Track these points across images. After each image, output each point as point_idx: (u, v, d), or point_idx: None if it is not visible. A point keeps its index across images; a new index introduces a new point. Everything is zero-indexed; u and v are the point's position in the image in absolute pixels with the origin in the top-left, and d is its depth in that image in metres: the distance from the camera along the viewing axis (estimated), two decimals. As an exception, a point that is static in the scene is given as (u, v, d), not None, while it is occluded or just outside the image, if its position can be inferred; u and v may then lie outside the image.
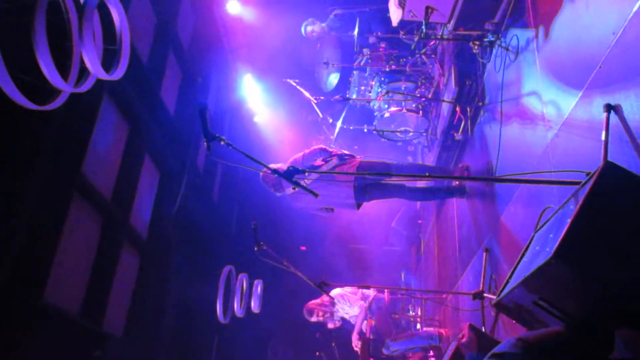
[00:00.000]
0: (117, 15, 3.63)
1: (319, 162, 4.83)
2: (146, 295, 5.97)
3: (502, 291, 2.03)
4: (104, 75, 3.45)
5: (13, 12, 2.83)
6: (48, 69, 2.99)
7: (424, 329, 6.48)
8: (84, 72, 3.38)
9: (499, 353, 1.56)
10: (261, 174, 5.05)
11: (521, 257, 2.15)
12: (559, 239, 1.62)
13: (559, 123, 3.06)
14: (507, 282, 2.07)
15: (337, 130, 7.03)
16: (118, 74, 3.64)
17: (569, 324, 1.69)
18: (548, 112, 3.28)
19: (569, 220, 1.68)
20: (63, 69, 3.19)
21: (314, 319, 6.41)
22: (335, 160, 4.83)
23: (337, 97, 6.57)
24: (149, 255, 6.11)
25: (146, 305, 5.95)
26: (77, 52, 3.27)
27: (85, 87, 3.44)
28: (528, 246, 2.22)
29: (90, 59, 3.28)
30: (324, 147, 5.00)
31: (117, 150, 5.53)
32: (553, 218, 2.10)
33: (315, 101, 6.72)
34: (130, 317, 5.73)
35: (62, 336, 4.31)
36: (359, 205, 4.91)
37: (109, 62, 3.64)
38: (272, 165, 5.37)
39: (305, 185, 4.82)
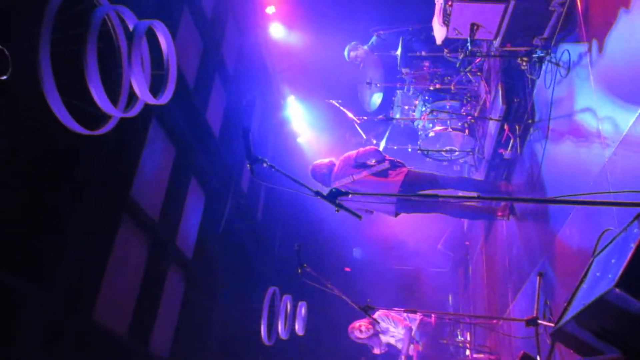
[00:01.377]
0: (164, 41, 3.72)
1: (371, 162, 5.04)
2: (192, 316, 6.01)
3: (560, 319, 1.91)
4: (151, 100, 3.53)
5: (66, 42, 2.94)
6: (99, 95, 3.08)
7: (474, 355, 6.23)
8: (132, 97, 3.47)
9: None
10: (310, 167, 5.44)
11: (580, 283, 2.02)
12: (623, 266, 1.51)
13: (617, 140, 2.91)
14: (566, 309, 1.95)
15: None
16: (165, 98, 3.72)
17: (630, 355, 1.56)
18: (604, 129, 3.13)
19: (633, 245, 1.57)
20: (113, 95, 3.28)
21: (357, 334, 6.29)
22: (386, 164, 4.99)
23: (380, 116, 6.53)
24: (194, 275, 6.17)
25: (192, 326, 5.99)
26: (126, 78, 3.37)
27: (133, 112, 3.53)
28: (587, 271, 2.09)
29: (139, 84, 3.37)
30: (378, 148, 5.12)
31: (164, 172, 5.64)
32: (614, 242, 1.97)
33: (358, 121, 6.70)
34: (176, 338, 5.77)
35: (110, 356, 4.37)
36: (397, 214, 4.91)
37: (156, 86, 3.73)
38: (321, 161, 5.47)
39: (353, 180, 4.93)
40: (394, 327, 6.16)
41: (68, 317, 3.64)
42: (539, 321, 3.51)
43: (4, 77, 2.81)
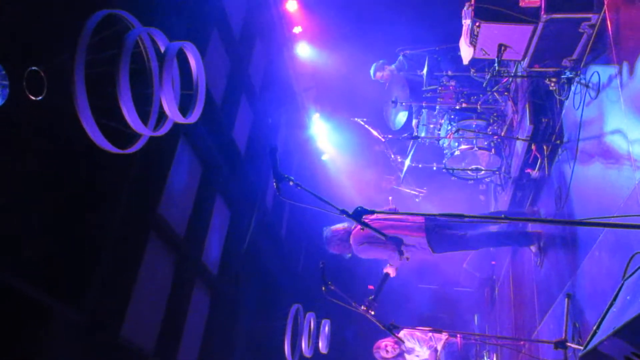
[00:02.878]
0: (194, 62, 3.82)
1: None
2: (216, 332, 6.04)
3: (589, 342, 1.87)
4: (181, 119, 3.62)
5: (99, 63, 3.05)
6: (130, 114, 3.17)
7: (501, 378, 6.11)
8: (162, 116, 3.56)
9: None
10: (325, 231, 5.53)
11: (610, 307, 1.98)
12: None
13: (647, 162, 2.86)
14: (595, 332, 1.91)
15: (405, 168, 6.95)
16: (194, 117, 3.80)
17: None
18: (635, 152, 3.08)
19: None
20: (143, 114, 3.37)
21: (382, 354, 6.22)
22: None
23: (405, 135, 6.53)
24: (219, 292, 6.21)
25: (216, 343, 6.01)
26: (156, 98, 3.46)
27: (163, 130, 3.61)
28: (617, 295, 2.05)
29: (169, 104, 3.45)
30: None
31: (191, 190, 5.73)
32: (645, 266, 1.93)
33: (383, 140, 6.71)
34: (201, 355, 5.80)
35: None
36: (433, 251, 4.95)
37: (185, 106, 3.82)
38: (337, 226, 5.46)
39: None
40: (419, 347, 6.08)
41: (96, 334, 3.70)
42: (568, 344, 3.43)
43: (40, 98, 2.92)
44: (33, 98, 2.87)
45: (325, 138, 9.47)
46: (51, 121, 3.18)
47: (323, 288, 4.01)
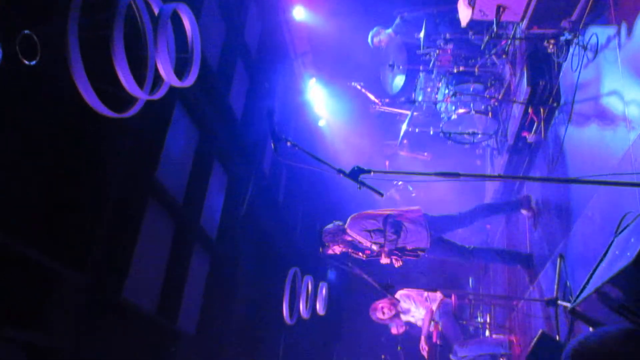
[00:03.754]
0: (188, 24, 3.78)
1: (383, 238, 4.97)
2: (216, 294, 6.15)
3: (578, 297, 1.93)
4: (176, 83, 3.60)
5: (93, 27, 3.01)
6: (126, 78, 3.16)
7: (493, 336, 6.26)
8: (158, 79, 3.54)
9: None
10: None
11: (599, 263, 2.04)
12: (641, 244, 1.53)
13: (642, 123, 2.89)
14: (584, 287, 1.98)
15: (402, 133, 6.96)
16: (190, 80, 3.78)
17: None
18: (630, 112, 3.10)
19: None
20: (139, 78, 3.36)
21: (379, 315, 6.35)
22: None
23: (402, 99, 6.51)
24: (218, 256, 6.30)
25: (216, 305, 6.13)
26: (151, 61, 3.43)
27: (159, 94, 3.60)
28: (607, 251, 2.11)
29: (164, 67, 3.43)
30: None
31: (188, 155, 5.74)
32: (635, 222, 1.98)
33: (380, 104, 6.69)
34: (202, 315, 5.92)
35: (139, 332, 4.53)
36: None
37: (181, 69, 3.80)
38: (328, 225, 5.34)
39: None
40: (415, 308, 6.20)
41: (99, 295, 3.77)
42: (559, 302, 3.52)
43: (33, 62, 2.90)
44: (27, 62, 2.85)
45: (322, 103, 9.42)
46: (46, 86, 3.17)
47: (320, 250, 4.08)
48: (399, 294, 6.21)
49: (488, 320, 6.68)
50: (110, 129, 3.76)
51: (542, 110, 4.96)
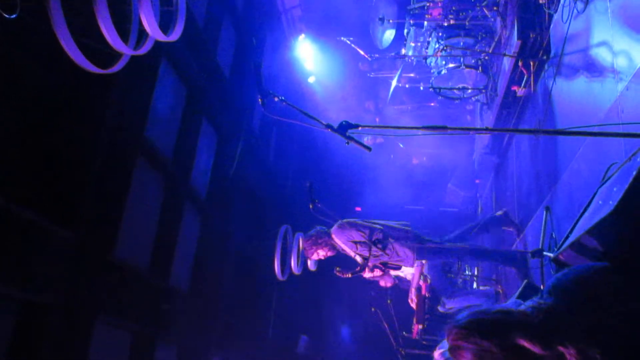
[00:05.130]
0: (172, -24, 3.67)
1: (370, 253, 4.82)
2: (208, 252, 6.22)
3: (561, 245, 1.98)
4: (161, 37, 3.52)
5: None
6: (109, 32, 3.09)
7: (481, 287, 6.41)
8: (142, 34, 3.46)
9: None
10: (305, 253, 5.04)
11: (583, 212, 2.08)
12: (623, 191, 1.55)
13: (631, 74, 2.88)
14: (567, 237, 2.02)
15: (392, 89, 6.91)
16: (175, 35, 3.70)
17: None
18: (619, 64, 3.09)
19: (634, 172, 1.61)
20: (123, 33, 3.28)
21: (368, 275, 6.45)
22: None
23: (392, 54, 6.43)
24: (209, 214, 6.34)
25: (208, 262, 6.21)
26: (135, 15, 3.35)
27: (144, 49, 3.52)
28: (591, 201, 2.14)
29: (149, 21, 3.35)
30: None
31: (176, 113, 5.68)
32: (619, 172, 2.00)
33: (370, 59, 6.61)
34: (194, 273, 6.00)
35: (132, 290, 4.59)
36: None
37: (166, 24, 3.71)
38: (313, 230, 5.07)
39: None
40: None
41: (90, 252, 3.80)
42: (545, 253, 3.60)
43: (13, 16, 2.82)
44: (7, 16, 2.77)
45: (311, 60, 9.28)
46: (27, 41, 3.09)
47: (310, 205, 4.10)
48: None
49: (476, 273, 6.82)
50: (96, 86, 3.71)
51: (532, 63, 4.93)
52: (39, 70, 3.30)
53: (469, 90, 6.25)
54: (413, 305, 5.99)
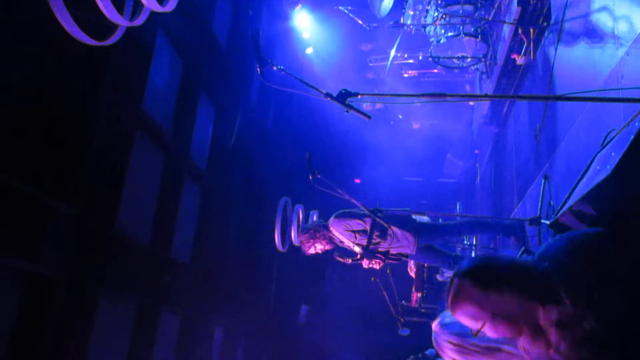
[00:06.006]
0: (166, -55, 3.59)
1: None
2: (209, 224, 6.27)
3: (559, 211, 2.00)
4: (157, 8, 3.47)
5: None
6: (104, 3, 3.05)
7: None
8: (138, 5, 3.42)
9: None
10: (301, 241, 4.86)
11: (580, 178, 2.09)
12: (620, 156, 1.56)
13: (631, 39, 2.86)
14: (565, 202, 2.04)
15: (390, 58, 6.85)
16: (171, 5, 3.65)
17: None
18: (619, 29, 3.06)
19: (632, 137, 1.61)
20: (118, 4, 3.24)
21: (366, 262, 6.50)
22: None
23: (390, 23, 6.35)
24: (209, 187, 6.36)
25: (209, 234, 6.26)
26: (130, -15, 3.30)
27: (139, 20, 3.48)
28: (589, 167, 2.15)
29: (143, -9, 3.30)
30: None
31: (173, 87, 5.65)
32: (617, 137, 2.01)
33: (368, 29, 6.53)
34: (195, 245, 6.06)
35: (135, 263, 4.64)
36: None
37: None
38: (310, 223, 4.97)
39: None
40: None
41: (92, 227, 3.83)
42: (542, 220, 3.63)
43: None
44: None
45: (309, 31, 9.16)
46: (23, 13, 3.06)
47: (310, 177, 4.10)
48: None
49: (474, 242, 6.89)
50: (93, 58, 3.68)
51: (532, 30, 4.88)
52: (35, 45, 3.27)
53: (468, 59, 6.20)
54: (412, 274, 6.07)
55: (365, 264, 4.77)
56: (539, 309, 1.49)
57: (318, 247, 4.82)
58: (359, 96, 2.19)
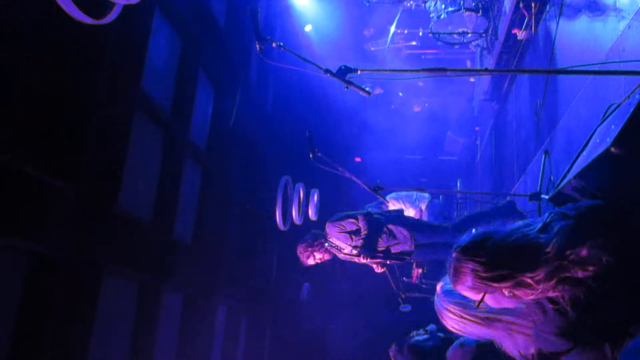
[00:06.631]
0: None
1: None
2: (210, 204, 6.28)
3: (559, 185, 2.00)
4: (153, -15, 3.44)
5: None
6: (100, -20, 3.01)
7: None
8: (134, -18, 3.38)
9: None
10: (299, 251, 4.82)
11: (581, 151, 2.09)
12: (620, 127, 1.56)
13: (633, 12, 2.84)
14: (564, 176, 2.04)
15: (390, 35, 6.79)
16: (167, -17, 3.61)
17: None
18: (621, 1, 3.03)
19: (632, 109, 1.61)
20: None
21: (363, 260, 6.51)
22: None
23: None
24: (209, 167, 6.36)
25: (211, 214, 6.28)
26: (126, -38, 3.25)
27: (136, -2, 3.44)
28: (588, 141, 2.15)
29: (140, -33, 3.26)
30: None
31: (172, 66, 5.61)
32: (617, 109, 2.00)
33: (367, 5, 6.46)
34: (197, 224, 6.08)
35: (137, 242, 4.66)
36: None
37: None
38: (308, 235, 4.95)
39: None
40: (404, 210, 6.37)
41: (92, 206, 3.84)
42: (542, 196, 3.64)
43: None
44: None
45: (308, 8, 9.05)
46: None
47: (311, 155, 4.10)
48: (388, 198, 6.35)
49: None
50: (91, 37, 3.65)
51: (533, 5, 4.83)
52: (32, 24, 3.24)
53: (469, 35, 6.14)
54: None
55: (362, 260, 4.71)
56: (539, 276, 1.51)
57: (317, 257, 4.84)
58: (359, 72, 2.18)
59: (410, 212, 6.27)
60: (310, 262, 4.81)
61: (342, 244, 4.71)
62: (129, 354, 4.61)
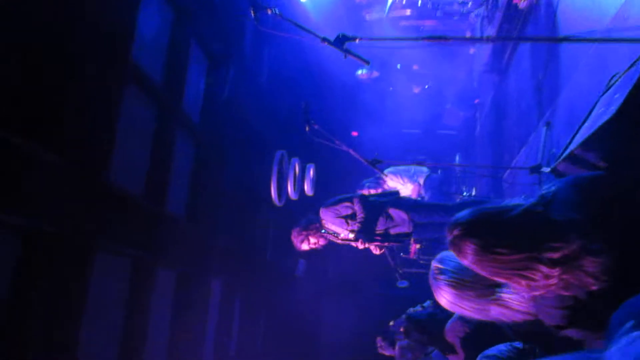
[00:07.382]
0: None
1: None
2: (203, 178, 6.20)
3: (561, 155, 1.92)
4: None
5: None
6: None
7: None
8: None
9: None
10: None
11: (583, 122, 2.00)
12: (624, 97, 1.47)
13: (639, -24, 2.71)
14: (567, 147, 1.96)
15: (388, 4, 6.62)
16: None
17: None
18: (626, -35, 2.90)
19: (637, 77, 1.51)
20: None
21: (365, 192, 6.46)
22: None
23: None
24: (203, 140, 6.26)
25: (204, 188, 6.20)
26: None
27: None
28: (591, 111, 2.06)
29: None
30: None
31: (163, 36, 5.46)
32: (621, 79, 1.91)
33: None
34: (191, 199, 6.01)
35: (129, 217, 4.59)
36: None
37: None
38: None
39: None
40: (402, 184, 6.30)
41: (82, 179, 3.75)
42: (543, 168, 3.56)
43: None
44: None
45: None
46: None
47: (306, 127, 4.01)
48: (386, 172, 6.27)
49: (473, 193, 6.85)
50: (79, 6, 3.52)
51: (535, -28, 4.67)
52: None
53: (469, 4, 5.98)
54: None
55: (360, 245, 4.65)
56: (542, 255, 1.45)
57: (312, 241, 4.77)
58: (357, 40, 2.07)
59: (408, 187, 6.21)
60: (305, 247, 4.76)
61: (338, 229, 4.65)
62: (122, 331, 4.58)
